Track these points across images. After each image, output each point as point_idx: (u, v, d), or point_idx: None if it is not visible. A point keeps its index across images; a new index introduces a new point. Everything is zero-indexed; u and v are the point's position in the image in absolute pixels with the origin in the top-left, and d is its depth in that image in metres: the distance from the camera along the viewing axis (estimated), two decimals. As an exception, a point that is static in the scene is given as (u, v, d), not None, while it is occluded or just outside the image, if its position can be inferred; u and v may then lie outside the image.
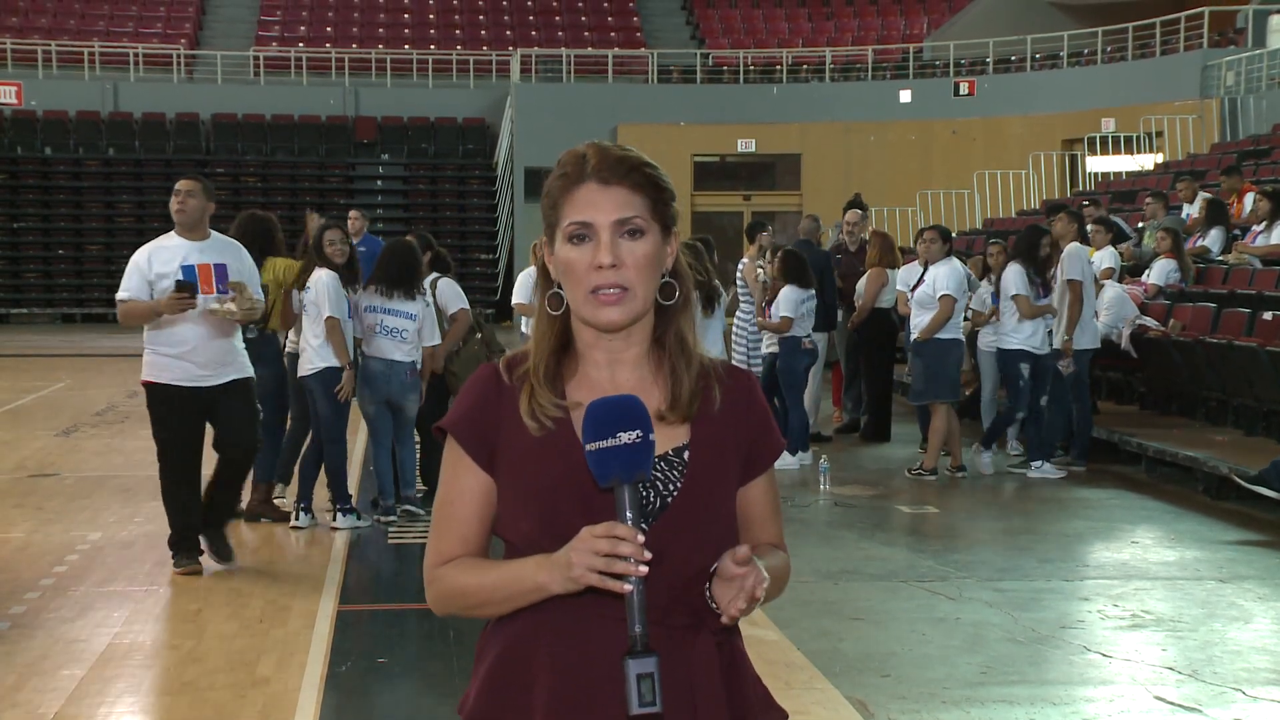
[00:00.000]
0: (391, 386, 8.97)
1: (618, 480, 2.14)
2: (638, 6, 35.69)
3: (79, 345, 23.77)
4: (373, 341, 8.99)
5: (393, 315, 8.99)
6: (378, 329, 8.96)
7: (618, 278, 2.23)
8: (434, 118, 32.02)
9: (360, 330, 8.98)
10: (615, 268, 2.22)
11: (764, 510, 2.39)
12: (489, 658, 2.31)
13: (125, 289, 7.49)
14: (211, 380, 7.55)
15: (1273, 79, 23.68)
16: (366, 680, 6.05)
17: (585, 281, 2.23)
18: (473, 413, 2.30)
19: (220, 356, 7.58)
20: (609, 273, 2.22)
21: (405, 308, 8.99)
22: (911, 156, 29.20)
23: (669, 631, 2.19)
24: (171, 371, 7.52)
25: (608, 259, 2.22)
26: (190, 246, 7.55)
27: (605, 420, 2.14)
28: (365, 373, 9.00)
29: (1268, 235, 13.74)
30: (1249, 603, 7.43)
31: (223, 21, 35.01)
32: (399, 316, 9.00)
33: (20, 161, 30.75)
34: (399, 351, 8.97)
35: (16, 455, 12.04)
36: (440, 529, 2.32)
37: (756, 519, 2.38)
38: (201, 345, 7.50)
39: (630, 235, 2.24)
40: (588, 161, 2.26)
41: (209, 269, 7.50)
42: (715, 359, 2.38)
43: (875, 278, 12.89)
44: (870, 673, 6.11)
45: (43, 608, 7.08)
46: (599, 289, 2.23)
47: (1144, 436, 11.43)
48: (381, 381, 8.99)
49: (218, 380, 7.57)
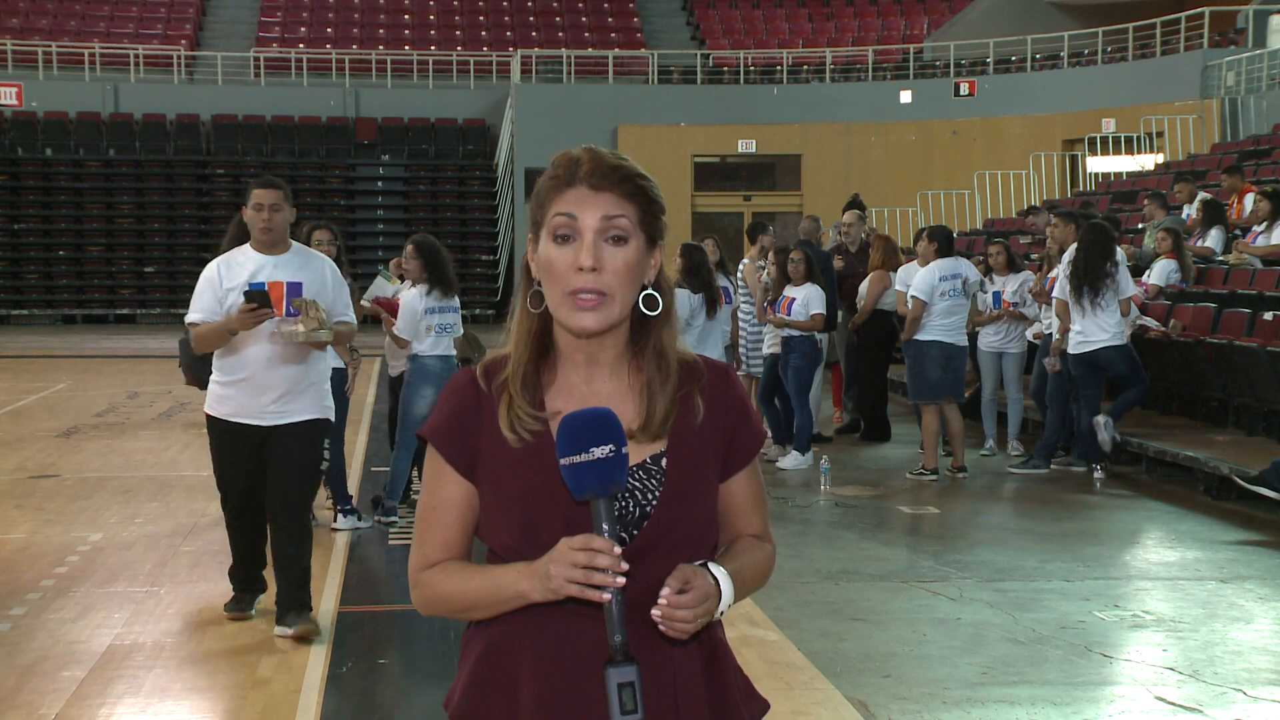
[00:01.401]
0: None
1: (593, 494, 2.15)
2: (638, 7, 35.70)
3: (79, 346, 23.77)
4: (427, 341, 9.06)
5: (445, 313, 9.11)
6: (436, 329, 9.06)
7: (597, 282, 2.22)
8: (434, 119, 32.03)
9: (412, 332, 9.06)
10: (595, 271, 2.22)
11: (745, 503, 2.39)
12: (473, 654, 2.33)
13: (195, 310, 6.44)
14: (271, 417, 6.46)
15: (1273, 79, 23.68)
16: (367, 681, 6.05)
17: (564, 282, 2.23)
18: (452, 421, 2.31)
19: (286, 387, 6.46)
20: (589, 276, 2.22)
21: (454, 304, 9.17)
22: (912, 157, 29.21)
23: (649, 632, 2.20)
24: (226, 404, 6.52)
25: (589, 261, 2.21)
26: (264, 261, 6.50)
27: (578, 435, 2.16)
28: (424, 372, 9.04)
29: (1268, 235, 13.74)
30: (1250, 603, 7.43)
31: (223, 23, 35.02)
32: (450, 313, 9.13)
33: (21, 162, 30.75)
34: (452, 347, 9.13)
35: (17, 456, 12.04)
36: (424, 534, 2.34)
37: (738, 512, 2.39)
38: (261, 372, 6.43)
39: (614, 241, 2.24)
40: (580, 165, 2.26)
41: (280, 287, 6.42)
42: (699, 357, 2.37)
43: (878, 280, 12.90)
44: (871, 673, 6.11)
45: (43, 609, 7.08)
46: (577, 291, 2.22)
47: (1144, 436, 11.42)
48: (443, 378, 9.03)
49: (279, 418, 6.47)
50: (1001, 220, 24.02)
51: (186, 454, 12.10)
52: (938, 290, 11.03)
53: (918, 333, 11.06)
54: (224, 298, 6.41)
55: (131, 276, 30.05)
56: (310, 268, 6.61)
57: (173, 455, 12.10)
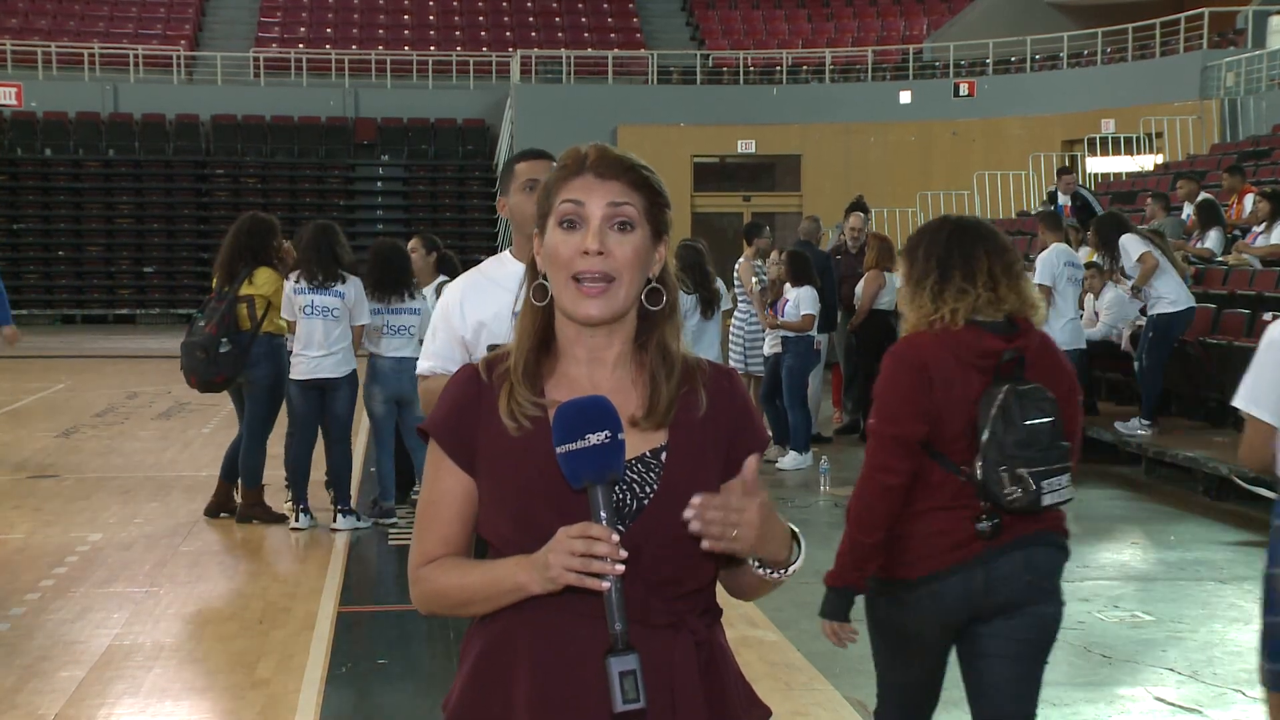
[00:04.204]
0: (402, 383, 9.02)
1: (590, 481, 2.15)
2: (637, 7, 35.69)
3: (78, 347, 23.76)
4: (380, 341, 9.11)
5: (397, 314, 9.15)
6: (385, 329, 9.09)
7: (603, 265, 2.23)
8: (434, 119, 32.02)
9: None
10: (602, 255, 2.23)
11: None
12: (471, 656, 2.33)
13: (427, 356, 4.18)
14: None
15: (1272, 80, 23.67)
16: (366, 682, 6.05)
17: (569, 267, 2.24)
18: (452, 414, 2.32)
19: None
20: (595, 259, 2.23)
21: (408, 305, 9.17)
22: (911, 157, 29.21)
23: (648, 631, 2.19)
24: None
25: (595, 245, 2.23)
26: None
27: (573, 423, 2.16)
28: (375, 372, 9.13)
29: (1267, 236, 13.74)
30: (1249, 603, 7.42)
31: (222, 23, 35.01)
32: (404, 314, 9.16)
33: (20, 163, 30.74)
34: (408, 348, 9.04)
35: (16, 456, 12.04)
36: (423, 529, 2.34)
37: None
38: None
39: (620, 228, 2.25)
40: (587, 157, 2.29)
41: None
42: (701, 359, 2.38)
43: (873, 280, 12.93)
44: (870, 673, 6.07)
45: (42, 609, 7.08)
46: (583, 276, 2.23)
47: (1144, 437, 11.42)
48: (393, 378, 9.07)
49: None
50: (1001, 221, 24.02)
51: (186, 454, 12.10)
52: None
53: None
54: (469, 338, 4.06)
55: (131, 277, 30.03)
56: None
57: (172, 455, 12.10)
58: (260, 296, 8.94)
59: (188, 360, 8.95)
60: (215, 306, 8.97)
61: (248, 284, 8.96)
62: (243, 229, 9.11)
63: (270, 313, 8.98)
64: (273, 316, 9.00)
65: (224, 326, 8.86)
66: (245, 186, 30.63)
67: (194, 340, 8.92)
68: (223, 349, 8.86)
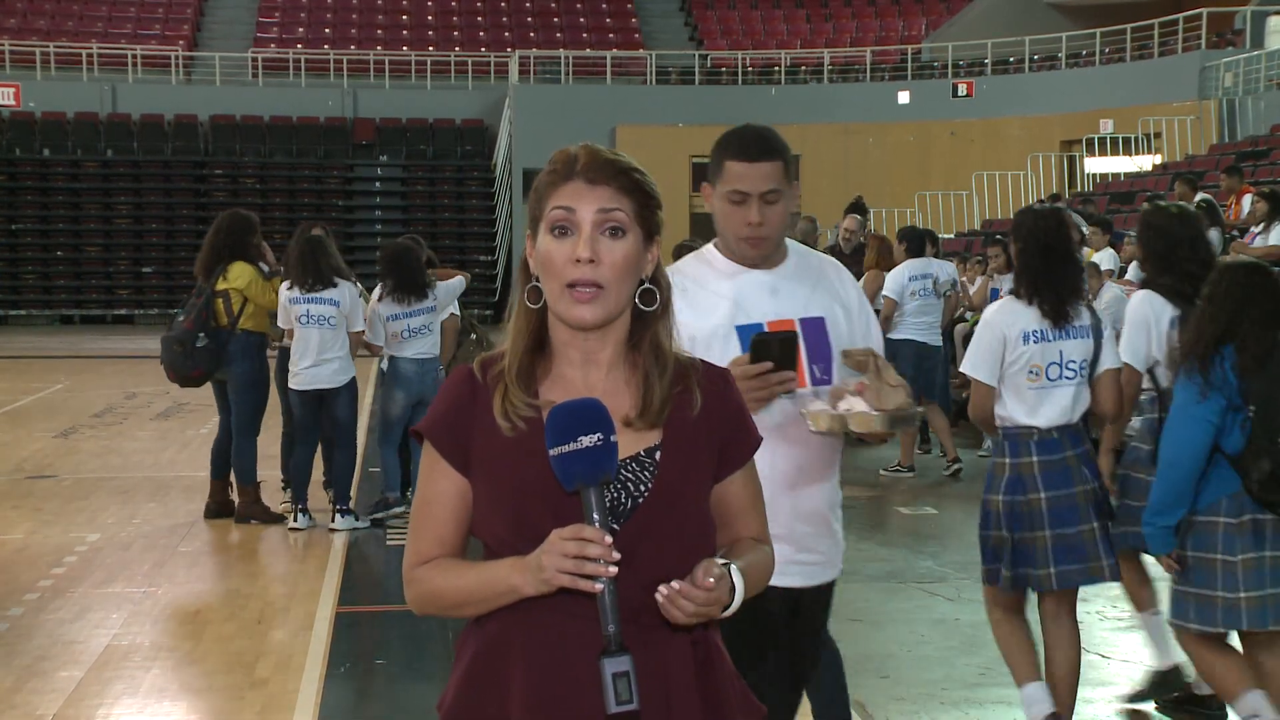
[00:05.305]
0: (425, 385, 9.03)
1: (583, 483, 2.15)
2: (636, 8, 35.70)
3: (77, 347, 23.77)
4: (397, 345, 9.08)
5: (415, 315, 9.12)
6: (404, 332, 9.07)
7: (594, 274, 2.23)
8: (432, 119, 32.02)
9: (380, 339, 9.08)
10: (593, 263, 2.23)
11: (743, 504, 2.39)
12: (466, 657, 2.34)
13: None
14: None
15: (1271, 80, 23.68)
16: (365, 682, 6.05)
17: (562, 275, 2.25)
18: (448, 416, 2.32)
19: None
20: (586, 268, 2.23)
21: (425, 304, 9.16)
22: (910, 158, 29.22)
23: (642, 631, 2.20)
24: None
25: (586, 253, 2.23)
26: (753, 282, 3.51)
27: (566, 425, 2.16)
28: (397, 375, 9.08)
29: (1265, 236, 13.74)
30: (1247, 603, 7.42)
31: (221, 23, 35.01)
32: (421, 314, 9.13)
33: (18, 163, 30.73)
34: (429, 348, 9.12)
35: (15, 456, 12.03)
36: (418, 530, 2.35)
37: (735, 513, 2.38)
38: None
39: (611, 234, 2.25)
40: (577, 161, 2.28)
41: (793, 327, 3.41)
42: (695, 358, 2.38)
43: (872, 280, 12.90)
44: (869, 674, 6.10)
45: (41, 609, 7.08)
46: (575, 284, 2.24)
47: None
48: (415, 381, 9.05)
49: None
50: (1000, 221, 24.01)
51: (184, 454, 12.10)
52: (908, 290, 11.31)
53: (890, 331, 11.20)
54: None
55: (129, 277, 30.03)
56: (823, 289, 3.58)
57: (170, 456, 12.10)
58: (235, 291, 8.96)
59: (166, 355, 9.02)
60: (194, 303, 9.04)
61: (223, 279, 8.99)
62: (222, 226, 9.19)
63: (249, 308, 9.00)
64: (251, 313, 9.02)
65: (200, 321, 8.92)
66: (244, 187, 30.63)
67: (172, 335, 9.02)
68: (199, 344, 8.89)
